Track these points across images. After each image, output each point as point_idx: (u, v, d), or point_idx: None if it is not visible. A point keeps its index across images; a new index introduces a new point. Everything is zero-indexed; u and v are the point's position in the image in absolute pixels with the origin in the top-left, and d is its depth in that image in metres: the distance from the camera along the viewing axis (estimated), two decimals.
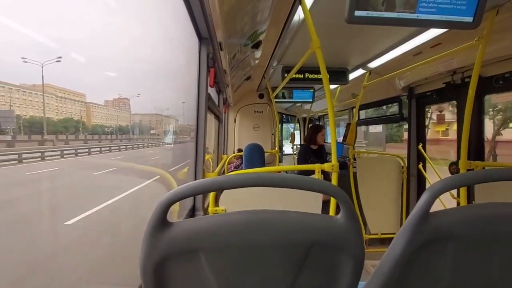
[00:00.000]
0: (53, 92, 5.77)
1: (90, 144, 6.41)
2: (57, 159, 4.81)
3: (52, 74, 5.47)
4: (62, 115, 6.06)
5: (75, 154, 5.49)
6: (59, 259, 2.80)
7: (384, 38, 2.40)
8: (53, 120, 5.69)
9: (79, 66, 4.94)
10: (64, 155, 5.13)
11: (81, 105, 6.40)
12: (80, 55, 5.48)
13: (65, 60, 4.66)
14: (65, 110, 6.08)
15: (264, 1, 1.71)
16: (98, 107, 7.05)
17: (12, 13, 2.90)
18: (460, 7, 1.32)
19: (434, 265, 0.63)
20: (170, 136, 7.71)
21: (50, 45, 4.00)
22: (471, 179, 0.71)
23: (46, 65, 3.16)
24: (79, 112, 6.34)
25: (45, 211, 3.58)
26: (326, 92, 1.68)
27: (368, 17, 1.29)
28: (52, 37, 4.66)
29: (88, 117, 6.70)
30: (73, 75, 5.89)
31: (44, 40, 3.95)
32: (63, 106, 6.09)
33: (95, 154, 6.00)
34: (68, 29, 4.42)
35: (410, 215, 0.62)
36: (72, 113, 6.27)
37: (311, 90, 4.38)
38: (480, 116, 2.44)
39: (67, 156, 5.16)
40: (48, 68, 4.35)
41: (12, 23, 3.00)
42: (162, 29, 2.76)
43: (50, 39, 4.37)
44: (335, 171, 1.71)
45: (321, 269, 0.61)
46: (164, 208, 0.57)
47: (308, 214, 0.61)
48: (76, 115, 6.34)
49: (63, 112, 6.08)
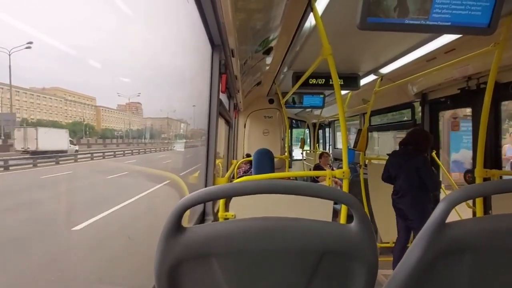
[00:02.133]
0: (80, 100, 6.07)
1: (106, 148, 6.62)
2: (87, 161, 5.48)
3: (76, 80, 5.73)
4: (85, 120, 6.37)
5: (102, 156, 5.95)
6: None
7: (396, 44, 2.38)
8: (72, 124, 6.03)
9: (94, 71, 5.10)
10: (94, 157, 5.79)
11: (92, 109, 6.58)
12: (96, 61, 5.67)
13: (82, 66, 4.83)
14: (80, 115, 6.29)
15: (276, 9, 1.73)
16: (110, 111, 7.22)
17: (30, 19, 3.03)
18: (475, 12, 1.30)
19: (450, 277, 0.61)
20: (182, 140, 7.81)
21: (70, 52, 4.16)
22: (489, 189, 0.69)
23: (15, 52, 3.03)
24: (93, 117, 6.56)
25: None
26: (337, 98, 1.67)
27: (380, 23, 1.29)
28: (71, 44, 4.85)
29: (98, 121, 6.88)
30: (83, 79, 6.11)
31: (64, 47, 4.11)
32: (78, 111, 6.27)
33: (109, 157, 6.19)
34: (86, 36, 4.59)
35: (426, 224, 0.60)
36: (91, 119, 6.52)
37: (321, 95, 4.37)
38: (496, 123, 2.38)
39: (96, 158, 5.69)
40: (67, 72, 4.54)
41: (30, 29, 3.11)
42: (176, 36, 2.83)
43: (69, 47, 4.54)
44: (346, 177, 1.69)
45: (334, 277, 0.61)
46: (179, 213, 0.58)
47: (321, 222, 0.61)
48: (91, 120, 6.56)
49: (80, 117, 6.30)
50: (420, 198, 2.44)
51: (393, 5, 1.27)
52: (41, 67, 4.57)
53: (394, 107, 3.85)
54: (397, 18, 1.29)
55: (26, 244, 2.78)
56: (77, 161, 5.38)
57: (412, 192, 2.46)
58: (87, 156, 5.76)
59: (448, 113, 3.27)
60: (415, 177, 2.43)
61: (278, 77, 3.63)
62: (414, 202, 2.44)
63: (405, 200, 2.50)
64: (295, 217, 0.61)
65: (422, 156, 2.47)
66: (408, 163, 2.48)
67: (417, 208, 2.42)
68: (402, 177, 2.53)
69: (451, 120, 3.30)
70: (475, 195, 0.64)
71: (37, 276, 2.50)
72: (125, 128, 7.35)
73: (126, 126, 7.41)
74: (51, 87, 5.48)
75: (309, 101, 4.41)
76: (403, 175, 2.52)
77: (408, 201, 2.48)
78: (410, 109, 3.57)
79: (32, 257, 2.68)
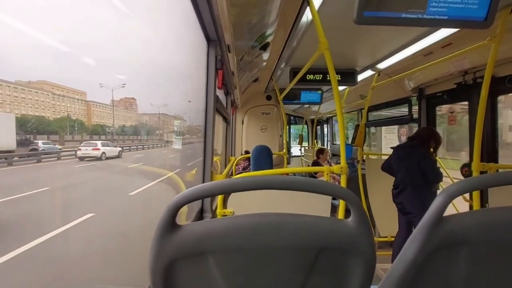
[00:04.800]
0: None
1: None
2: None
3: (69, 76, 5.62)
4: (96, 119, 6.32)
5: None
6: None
7: (393, 39, 2.37)
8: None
9: (86, 66, 5.02)
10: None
11: (82, 104, 6.47)
12: (88, 57, 5.58)
13: (73, 61, 4.76)
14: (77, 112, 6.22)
15: (272, 3, 1.72)
16: (102, 107, 7.12)
17: (25, 17, 2.97)
18: (472, 6, 1.29)
19: (448, 271, 0.61)
20: (179, 136, 7.76)
21: (59, 46, 4.08)
22: (487, 182, 0.69)
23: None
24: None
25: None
26: (335, 93, 1.67)
27: (377, 17, 1.27)
28: (61, 39, 4.75)
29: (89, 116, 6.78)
30: (74, 75, 6.01)
31: (54, 43, 4.03)
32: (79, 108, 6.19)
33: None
34: (78, 32, 4.51)
35: (423, 218, 0.60)
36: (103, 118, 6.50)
37: (319, 91, 4.36)
38: (493, 117, 2.39)
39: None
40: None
41: (25, 26, 3.04)
42: (171, 31, 2.80)
43: (60, 42, 4.45)
44: (344, 173, 1.69)
45: (332, 273, 0.61)
46: (173, 211, 0.57)
47: (318, 218, 0.60)
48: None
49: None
50: (421, 191, 2.44)
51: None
52: (29, 61, 4.45)
53: (391, 102, 3.85)
54: (394, 12, 1.28)
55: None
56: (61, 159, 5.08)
57: (412, 185, 2.46)
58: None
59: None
60: (417, 171, 2.43)
61: (275, 73, 3.61)
62: (415, 195, 2.44)
63: (405, 193, 2.50)
64: (292, 212, 0.60)
65: (423, 149, 2.48)
66: (409, 157, 2.49)
67: (418, 202, 2.42)
68: (403, 171, 2.53)
69: (448, 114, 3.32)
70: (473, 188, 0.63)
71: None
72: (118, 124, 7.26)
73: (121, 122, 7.33)
74: (38, 81, 5.30)
75: (307, 97, 4.39)
76: (404, 168, 2.52)
77: (408, 194, 2.48)
78: (407, 104, 3.58)
79: None
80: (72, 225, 3.38)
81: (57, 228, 3.18)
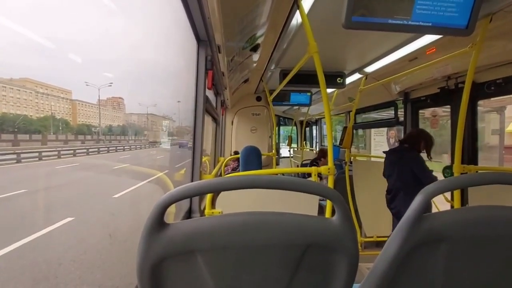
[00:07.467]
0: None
1: (99, 144, 6.42)
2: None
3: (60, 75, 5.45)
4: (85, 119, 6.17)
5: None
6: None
7: (380, 44, 2.43)
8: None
9: (74, 65, 4.89)
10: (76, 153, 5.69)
11: (67, 103, 6.27)
12: (76, 55, 5.43)
13: (60, 59, 4.62)
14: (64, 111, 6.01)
15: (263, 5, 1.73)
16: (89, 106, 6.92)
17: (16, 16, 2.86)
18: (454, 14, 1.35)
19: (427, 267, 0.64)
20: (167, 137, 7.66)
21: (48, 46, 3.96)
22: (464, 182, 0.72)
23: None
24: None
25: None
26: (323, 96, 1.69)
27: (364, 22, 1.31)
28: (52, 38, 4.59)
29: (73, 116, 6.60)
30: (61, 73, 5.84)
31: (42, 41, 3.91)
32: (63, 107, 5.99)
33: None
34: (64, 28, 4.39)
35: (404, 217, 0.63)
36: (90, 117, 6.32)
37: (308, 93, 4.41)
38: (473, 121, 2.49)
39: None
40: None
41: (13, 24, 2.94)
42: (161, 30, 2.78)
43: (48, 40, 4.31)
44: (331, 174, 1.72)
45: (317, 270, 0.62)
46: (161, 209, 0.57)
47: (304, 216, 0.62)
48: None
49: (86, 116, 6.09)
50: (414, 195, 2.46)
51: (377, 5, 1.30)
52: (12, 59, 4.32)
53: (378, 106, 3.94)
54: (381, 18, 1.32)
55: None
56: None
57: (404, 190, 2.45)
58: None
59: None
60: (409, 175, 2.41)
61: (265, 74, 3.63)
62: (408, 200, 2.47)
63: (398, 198, 2.50)
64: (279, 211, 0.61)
65: (413, 152, 2.48)
66: (401, 161, 2.48)
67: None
68: (395, 176, 2.53)
69: (431, 118, 3.42)
70: (452, 187, 0.66)
71: None
72: (104, 124, 7.10)
73: (108, 122, 7.17)
74: (20, 78, 5.12)
75: (296, 98, 4.43)
76: (396, 173, 2.52)
77: (401, 199, 2.47)
78: (393, 108, 3.67)
79: None
80: (43, 233, 3.26)
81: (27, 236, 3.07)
